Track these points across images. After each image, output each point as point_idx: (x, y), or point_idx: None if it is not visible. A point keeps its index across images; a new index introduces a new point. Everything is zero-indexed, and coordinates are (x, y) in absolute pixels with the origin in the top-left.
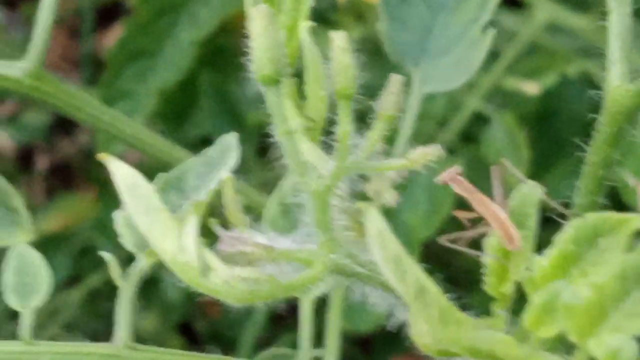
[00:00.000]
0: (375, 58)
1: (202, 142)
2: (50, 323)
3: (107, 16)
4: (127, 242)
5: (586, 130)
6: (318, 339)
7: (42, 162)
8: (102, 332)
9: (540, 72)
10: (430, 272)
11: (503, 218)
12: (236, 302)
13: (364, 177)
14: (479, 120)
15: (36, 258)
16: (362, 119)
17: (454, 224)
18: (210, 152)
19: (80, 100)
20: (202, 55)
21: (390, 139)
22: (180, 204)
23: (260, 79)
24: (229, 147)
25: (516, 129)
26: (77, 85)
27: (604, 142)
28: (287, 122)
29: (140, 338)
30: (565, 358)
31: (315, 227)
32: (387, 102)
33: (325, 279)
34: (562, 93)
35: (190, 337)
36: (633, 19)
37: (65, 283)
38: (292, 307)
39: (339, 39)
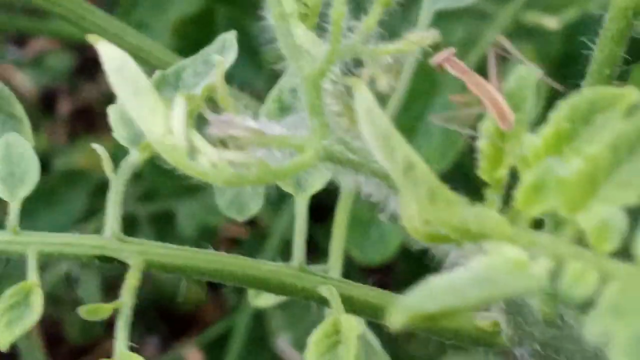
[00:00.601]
0: None
1: None
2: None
3: None
4: (120, 136)
5: None
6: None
7: (64, 106)
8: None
9: (560, 8)
10: None
11: (497, 98)
12: (224, 185)
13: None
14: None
15: (26, 148)
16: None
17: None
18: (207, 50)
19: (85, 9)
20: None
21: None
22: None
23: None
24: (227, 44)
25: (536, 65)
26: None
27: (610, 39)
28: (281, 4)
29: (156, 278)
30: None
31: (308, 113)
32: None
33: (317, 166)
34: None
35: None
36: None
37: (81, 218)
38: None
39: None
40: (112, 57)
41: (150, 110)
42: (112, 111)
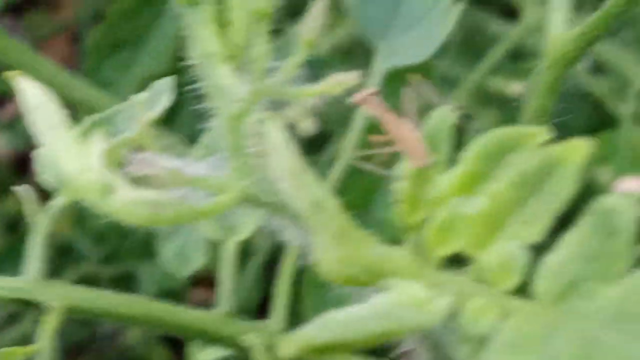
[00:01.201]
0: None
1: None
2: (26, 315)
3: None
4: (45, 179)
5: None
6: None
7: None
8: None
9: (528, 73)
10: None
11: (413, 138)
12: (138, 224)
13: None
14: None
15: None
16: None
17: None
18: (141, 95)
19: (30, 58)
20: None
21: None
22: None
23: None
24: (161, 90)
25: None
26: None
27: (542, 90)
28: (204, 45)
29: (125, 348)
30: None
31: (228, 153)
32: (308, 27)
33: (237, 207)
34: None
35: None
36: None
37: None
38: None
39: None
40: (31, 93)
41: (66, 146)
42: (37, 154)
